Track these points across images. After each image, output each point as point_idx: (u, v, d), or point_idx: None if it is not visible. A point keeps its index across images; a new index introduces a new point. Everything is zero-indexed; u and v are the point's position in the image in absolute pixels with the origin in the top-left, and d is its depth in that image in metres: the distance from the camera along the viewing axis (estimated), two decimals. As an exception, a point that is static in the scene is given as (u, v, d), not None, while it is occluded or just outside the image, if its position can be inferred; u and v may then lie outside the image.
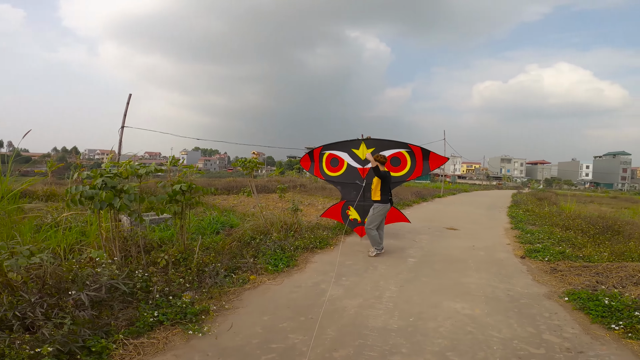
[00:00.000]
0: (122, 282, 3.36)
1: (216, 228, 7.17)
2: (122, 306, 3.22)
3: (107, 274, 3.37)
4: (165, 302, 3.34)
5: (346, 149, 6.65)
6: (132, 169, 4.33)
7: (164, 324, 3.05)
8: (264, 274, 4.66)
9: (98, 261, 3.70)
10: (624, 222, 10.69)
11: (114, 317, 3.00)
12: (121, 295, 3.33)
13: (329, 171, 6.81)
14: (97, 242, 4.57)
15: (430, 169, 6.39)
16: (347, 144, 6.67)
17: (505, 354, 2.76)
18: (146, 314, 3.06)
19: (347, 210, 6.80)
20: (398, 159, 6.42)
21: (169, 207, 4.73)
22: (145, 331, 2.92)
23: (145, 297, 3.40)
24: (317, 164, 6.92)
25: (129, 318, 3.03)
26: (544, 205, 15.94)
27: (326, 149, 6.81)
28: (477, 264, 5.57)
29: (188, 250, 4.83)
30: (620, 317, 3.35)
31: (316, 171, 6.94)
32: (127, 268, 3.89)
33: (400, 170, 6.41)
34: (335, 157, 6.73)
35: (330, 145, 6.83)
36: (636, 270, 4.76)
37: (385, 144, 6.50)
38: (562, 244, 7.19)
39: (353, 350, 2.81)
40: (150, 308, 3.19)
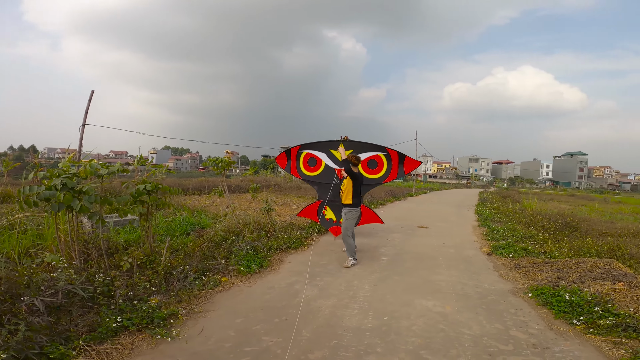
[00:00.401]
0: (80, 287, 3.18)
1: (186, 229, 6.94)
2: (82, 312, 3.05)
3: (63, 278, 3.17)
4: (130, 306, 3.20)
5: (325, 149, 6.60)
6: (92, 168, 4.09)
7: (129, 329, 2.91)
8: (236, 276, 4.55)
9: (54, 265, 3.47)
10: (581, 219, 11.38)
11: (73, 323, 2.84)
12: (80, 301, 3.16)
13: (306, 170, 6.75)
14: (54, 245, 4.30)
15: (404, 172, 6.61)
16: (326, 144, 6.64)
17: (476, 351, 2.83)
18: (108, 319, 2.92)
19: (323, 210, 6.78)
20: (375, 161, 6.51)
21: (133, 208, 4.51)
22: (109, 337, 2.78)
23: (108, 302, 3.24)
24: (294, 163, 6.87)
25: (90, 324, 2.88)
26: (508, 203, 16.66)
27: (304, 149, 6.75)
28: (447, 261, 5.71)
29: (155, 253, 4.64)
30: (581, 312, 3.50)
31: (293, 170, 6.88)
32: (86, 272, 3.68)
33: (377, 172, 6.53)
34: (313, 156, 6.66)
35: (309, 145, 6.78)
36: (594, 265, 5.04)
37: (363, 147, 6.61)
38: (525, 240, 7.50)
39: (329, 351, 2.78)
40: (112, 313, 3.04)
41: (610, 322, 3.23)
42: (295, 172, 6.90)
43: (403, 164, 6.51)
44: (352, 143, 6.62)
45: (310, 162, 6.72)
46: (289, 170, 7.02)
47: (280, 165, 7.17)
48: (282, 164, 7.12)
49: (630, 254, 6.34)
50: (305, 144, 6.88)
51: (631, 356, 2.69)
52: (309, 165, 6.71)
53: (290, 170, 7.00)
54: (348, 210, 5.43)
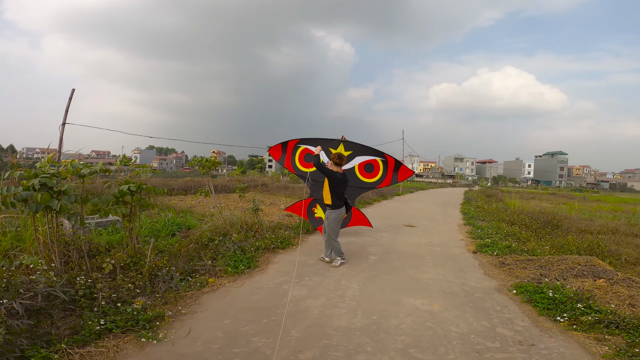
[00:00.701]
0: (61, 289, 3.09)
1: (171, 230, 6.82)
2: (63, 314, 2.97)
3: (43, 281, 3.08)
4: (113, 309, 3.12)
5: (323, 147, 6.35)
6: (73, 168, 3.98)
7: (114, 332, 2.84)
8: (224, 277, 4.49)
9: (34, 268, 3.36)
10: (562, 216, 11.68)
11: (54, 327, 2.77)
12: (61, 304, 3.07)
13: (301, 165, 6.71)
14: (33, 247, 4.16)
15: (398, 179, 6.75)
16: (326, 142, 6.54)
17: (464, 348, 2.86)
18: (91, 322, 2.84)
19: (313, 208, 6.86)
20: (372, 165, 6.64)
21: (115, 209, 4.41)
22: (92, 340, 2.71)
23: (90, 305, 3.15)
24: (289, 156, 6.77)
25: (72, 327, 2.80)
26: (492, 202, 16.99)
27: (303, 143, 6.72)
28: (434, 259, 5.78)
29: (139, 254, 4.54)
30: (564, 309, 3.57)
31: (287, 163, 6.77)
32: (66, 275, 3.58)
33: (372, 177, 6.64)
34: (311, 152, 6.53)
35: (308, 140, 6.74)
36: (575, 262, 5.17)
37: (362, 150, 6.65)
38: (509, 238, 7.65)
39: (319, 351, 2.77)
40: (95, 316, 2.96)
41: (592, 318, 3.30)
42: (289, 166, 6.79)
43: (397, 172, 6.69)
44: (351, 145, 6.70)
45: (307, 158, 6.64)
46: (282, 163, 6.86)
47: (274, 156, 7.00)
48: (276, 155, 6.94)
49: (610, 251, 6.54)
50: (304, 138, 6.81)
51: (614, 352, 2.75)
52: (305, 160, 6.66)
53: (284, 163, 6.87)
54: (329, 212, 5.24)
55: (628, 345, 2.84)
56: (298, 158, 6.71)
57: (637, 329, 3.03)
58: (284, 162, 6.84)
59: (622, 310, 3.47)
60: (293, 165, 6.73)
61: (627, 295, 3.80)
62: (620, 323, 3.17)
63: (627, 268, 5.56)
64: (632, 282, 4.21)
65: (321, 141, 6.50)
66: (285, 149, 6.81)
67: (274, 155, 6.98)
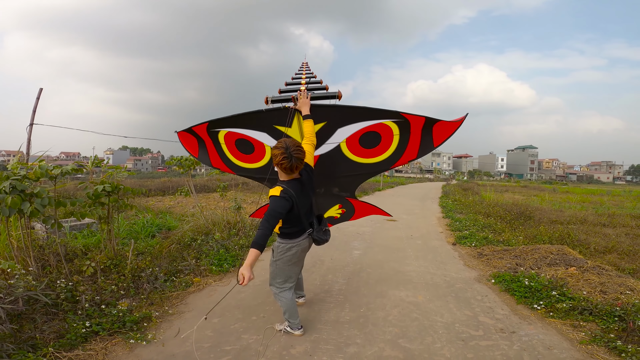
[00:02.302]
0: (41, 293, 3.01)
1: (151, 231, 6.68)
2: (46, 318, 2.90)
3: (22, 285, 2.98)
4: (98, 311, 3.06)
5: (261, 126, 3.39)
6: (43, 170, 3.84)
7: (100, 335, 2.79)
8: (209, 276, 4.46)
9: (10, 272, 3.24)
10: (534, 208, 12.20)
11: (38, 331, 2.70)
12: (43, 307, 3.00)
13: (239, 160, 3.70)
14: (7, 252, 4.00)
15: (434, 144, 3.25)
16: (262, 117, 3.29)
17: (450, 337, 2.96)
18: (76, 325, 2.79)
19: None
20: (377, 135, 3.31)
21: (91, 210, 4.29)
22: (79, 343, 2.66)
23: (73, 308, 3.09)
24: (211, 148, 3.71)
25: (57, 330, 2.74)
26: (468, 195, 17.49)
27: (220, 127, 3.49)
28: (416, 252, 5.92)
29: (119, 256, 4.44)
30: (540, 297, 3.74)
31: (215, 161, 3.75)
32: (45, 278, 3.48)
33: (379, 153, 3.40)
34: (245, 138, 3.51)
35: (227, 119, 3.40)
36: (548, 252, 5.43)
37: (350, 113, 3.20)
38: (485, 230, 7.93)
39: (310, 345, 2.81)
40: (80, 318, 2.91)
41: (567, 305, 3.46)
42: (220, 164, 3.77)
43: (431, 133, 3.23)
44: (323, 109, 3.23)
45: (241, 147, 3.61)
46: (206, 161, 3.82)
47: (190, 150, 3.82)
48: (192, 147, 3.80)
49: (579, 240, 6.91)
50: (219, 118, 3.44)
51: (590, 338, 2.89)
52: (241, 151, 3.64)
53: (210, 162, 3.81)
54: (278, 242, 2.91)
55: (603, 331, 2.99)
56: (228, 149, 3.65)
57: (610, 315, 3.19)
58: (207, 159, 3.79)
59: (593, 297, 3.66)
60: (227, 162, 3.74)
61: (598, 283, 4.02)
62: (593, 310, 3.33)
63: (596, 256, 5.88)
64: (601, 270, 4.47)
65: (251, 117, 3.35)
66: (200, 138, 3.72)
67: (189, 147, 3.81)
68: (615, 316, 3.15)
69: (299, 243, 2.81)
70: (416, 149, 3.35)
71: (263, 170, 3.62)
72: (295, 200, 2.63)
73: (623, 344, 2.70)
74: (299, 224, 2.78)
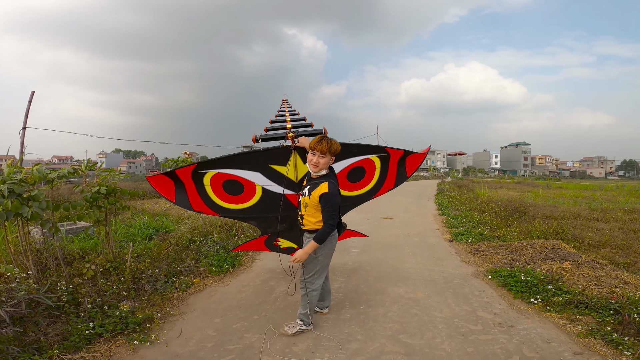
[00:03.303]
0: (43, 295, 3.02)
1: (148, 234, 6.68)
2: (49, 321, 2.91)
3: (23, 288, 2.99)
4: (100, 313, 3.08)
5: (256, 165, 3.47)
6: (40, 173, 3.84)
7: (104, 336, 2.81)
8: (209, 276, 4.48)
9: (10, 276, 3.25)
10: (528, 204, 12.32)
11: (42, 333, 2.71)
12: (45, 310, 3.02)
13: (224, 202, 3.61)
14: (5, 256, 4.00)
15: (407, 174, 3.96)
16: (256, 157, 3.44)
17: (449, 332, 3.01)
18: (80, 327, 2.80)
19: (274, 242, 4.17)
20: (361, 169, 3.76)
21: (89, 213, 4.29)
22: (83, 345, 2.67)
23: (75, 310, 3.10)
24: (192, 192, 3.52)
25: (60, 333, 2.76)
26: (463, 192, 17.63)
27: (209, 167, 3.46)
28: (413, 249, 5.98)
29: (118, 259, 4.45)
30: (537, 291, 3.80)
31: (196, 204, 3.54)
32: (46, 282, 3.49)
33: (363, 186, 3.85)
34: (233, 178, 3.51)
35: (218, 160, 3.48)
36: (542, 247, 5.51)
37: (343, 152, 3.30)
38: (481, 226, 8.01)
39: (312, 342, 2.85)
40: (83, 321, 2.92)
41: (563, 299, 3.52)
42: (202, 207, 3.57)
43: (405, 165, 3.91)
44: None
45: (229, 188, 3.58)
46: (185, 205, 3.52)
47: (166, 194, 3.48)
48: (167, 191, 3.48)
49: (573, 235, 7.01)
50: (208, 160, 3.56)
51: (587, 332, 2.95)
52: (227, 192, 3.59)
53: (189, 204, 3.52)
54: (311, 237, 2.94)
55: (599, 324, 3.05)
56: (213, 191, 3.55)
57: (605, 309, 3.24)
58: (187, 201, 3.51)
59: (589, 290, 3.72)
60: (210, 204, 3.58)
61: (593, 277, 4.09)
62: (588, 303, 3.39)
63: (590, 251, 5.97)
64: (596, 264, 4.55)
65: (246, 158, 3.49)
66: (179, 180, 3.48)
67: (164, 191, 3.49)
68: (611, 309, 3.21)
69: (335, 233, 3.00)
70: (393, 180, 3.90)
71: (250, 210, 3.68)
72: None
73: (620, 337, 2.76)
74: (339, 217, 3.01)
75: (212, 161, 3.49)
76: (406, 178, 3.98)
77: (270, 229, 3.99)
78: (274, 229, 3.90)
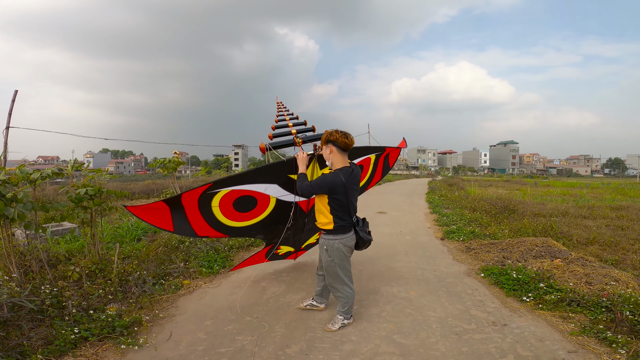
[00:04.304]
0: (26, 299, 2.91)
1: (136, 235, 6.54)
2: (33, 325, 2.82)
3: (5, 292, 2.88)
4: (86, 317, 2.99)
5: (275, 177, 3.36)
6: (24, 174, 3.72)
7: (90, 340, 2.73)
8: (199, 278, 4.39)
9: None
10: (517, 202, 12.45)
11: (25, 337, 2.62)
12: (28, 314, 2.92)
13: (233, 220, 3.49)
14: (-13, 259, 3.85)
15: (390, 165, 4.59)
16: (276, 169, 3.31)
17: (443, 331, 2.99)
18: (64, 331, 2.72)
19: (275, 250, 4.28)
20: (361, 167, 3.98)
21: (74, 214, 4.17)
22: (69, 349, 2.59)
23: (59, 314, 3.01)
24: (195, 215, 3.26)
25: (44, 337, 2.67)
26: (454, 190, 17.75)
27: (221, 186, 3.21)
28: (405, 248, 5.97)
29: (104, 261, 4.34)
30: (529, 289, 3.80)
31: (201, 229, 3.36)
32: (29, 285, 3.37)
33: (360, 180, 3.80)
34: (248, 194, 3.35)
35: (235, 178, 3.26)
36: (533, 244, 5.55)
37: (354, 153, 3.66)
38: (472, 224, 8.06)
39: (305, 344, 2.79)
40: (67, 324, 2.84)
41: (555, 297, 3.53)
42: (207, 231, 3.42)
43: (388, 158, 4.45)
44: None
45: (240, 206, 3.42)
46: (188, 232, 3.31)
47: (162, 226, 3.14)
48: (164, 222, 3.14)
49: (562, 232, 7.08)
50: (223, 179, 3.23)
51: (580, 330, 2.96)
52: (238, 210, 3.44)
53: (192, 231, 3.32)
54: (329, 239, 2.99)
55: (591, 322, 3.06)
56: (221, 211, 3.35)
57: (597, 306, 3.26)
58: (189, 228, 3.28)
59: (580, 288, 3.74)
60: (216, 225, 3.41)
61: (583, 274, 4.12)
62: (580, 301, 3.41)
63: (579, 248, 6.04)
64: (585, 261, 4.59)
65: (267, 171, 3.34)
66: (179, 206, 3.16)
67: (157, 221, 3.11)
68: (603, 307, 3.23)
69: (349, 237, 2.97)
70: (380, 173, 4.42)
71: (259, 225, 3.67)
72: (345, 184, 2.83)
73: (613, 335, 2.77)
74: (348, 215, 2.94)
75: (230, 178, 3.26)
76: (389, 169, 4.63)
77: (276, 239, 4.00)
78: (280, 237, 3.86)
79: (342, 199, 2.86)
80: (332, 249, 2.93)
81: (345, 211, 2.90)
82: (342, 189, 2.83)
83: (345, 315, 3.09)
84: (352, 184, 2.92)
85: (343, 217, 2.90)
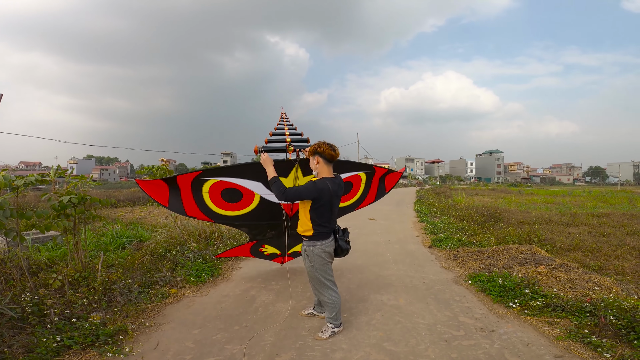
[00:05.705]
0: (6, 307, 2.84)
1: (121, 243, 6.42)
2: (13, 333, 2.75)
3: (-15, 299, 2.79)
4: (68, 325, 2.92)
5: (260, 176, 3.51)
6: (6, 180, 3.64)
7: (73, 349, 2.66)
8: (186, 286, 4.32)
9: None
10: (503, 210, 12.69)
11: (6, 345, 2.57)
12: (8, 322, 2.85)
13: (220, 208, 3.76)
14: (-35, 267, 3.72)
15: (386, 190, 4.56)
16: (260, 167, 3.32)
17: (433, 338, 3.00)
18: (46, 339, 2.65)
19: (260, 248, 4.58)
20: (351, 184, 4.13)
21: (56, 222, 4.08)
22: (51, 357, 2.54)
23: (41, 322, 2.93)
24: (187, 195, 3.58)
25: (26, 345, 2.62)
26: (441, 199, 17.98)
27: (212, 175, 3.59)
28: (394, 256, 6.00)
29: (88, 269, 4.25)
30: (515, 295, 3.86)
31: (190, 209, 3.63)
32: (9, 292, 3.28)
33: (350, 198, 4.28)
34: (234, 187, 3.64)
35: (224, 169, 3.74)
36: (518, 251, 5.65)
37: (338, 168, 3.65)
38: (459, 232, 8.17)
39: (295, 352, 2.77)
40: (49, 333, 2.77)
41: (540, 303, 3.58)
42: (195, 212, 3.68)
43: (384, 182, 4.50)
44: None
45: (227, 196, 3.71)
46: (179, 209, 3.59)
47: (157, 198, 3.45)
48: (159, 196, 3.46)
49: (546, 239, 7.24)
50: (214, 168, 3.94)
51: (566, 334, 3.01)
52: (224, 200, 3.73)
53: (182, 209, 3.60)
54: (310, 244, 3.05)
55: (576, 327, 3.12)
56: (210, 197, 3.65)
57: (581, 311, 3.32)
58: (180, 206, 3.58)
59: (564, 293, 3.81)
60: (205, 210, 3.71)
61: (567, 280, 4.21)
62: (565, 306, 3.47)
63: (562, 254, 6.18)
64: (569, 267, 4.69)
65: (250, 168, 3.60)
66: (175, 186, 3.52)
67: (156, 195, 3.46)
68: (586, 312, 3.30)
69: (329, 243, 3.03)
70: (374, 194, 4.47)
71: (244, 217, 3.92)
72: (329, 192, 2.94)
73: (598, 339, 2.83)
74: (329, 222, 3.03)
75: (219, 169, 3.72)
76: (385, 193, 4.57)
77: (260, 236, 4.36)
78: (263, 235, 4.28)
79: (325, 206, 2.95)
80: (312, 254, 3.01)
81: (325, 218, 2.99)
82: (328, 195, 2.93)
83: (334, 322, 3.11)
84: (336, 193, 3.04)
85: (323, 223, 2.99)
